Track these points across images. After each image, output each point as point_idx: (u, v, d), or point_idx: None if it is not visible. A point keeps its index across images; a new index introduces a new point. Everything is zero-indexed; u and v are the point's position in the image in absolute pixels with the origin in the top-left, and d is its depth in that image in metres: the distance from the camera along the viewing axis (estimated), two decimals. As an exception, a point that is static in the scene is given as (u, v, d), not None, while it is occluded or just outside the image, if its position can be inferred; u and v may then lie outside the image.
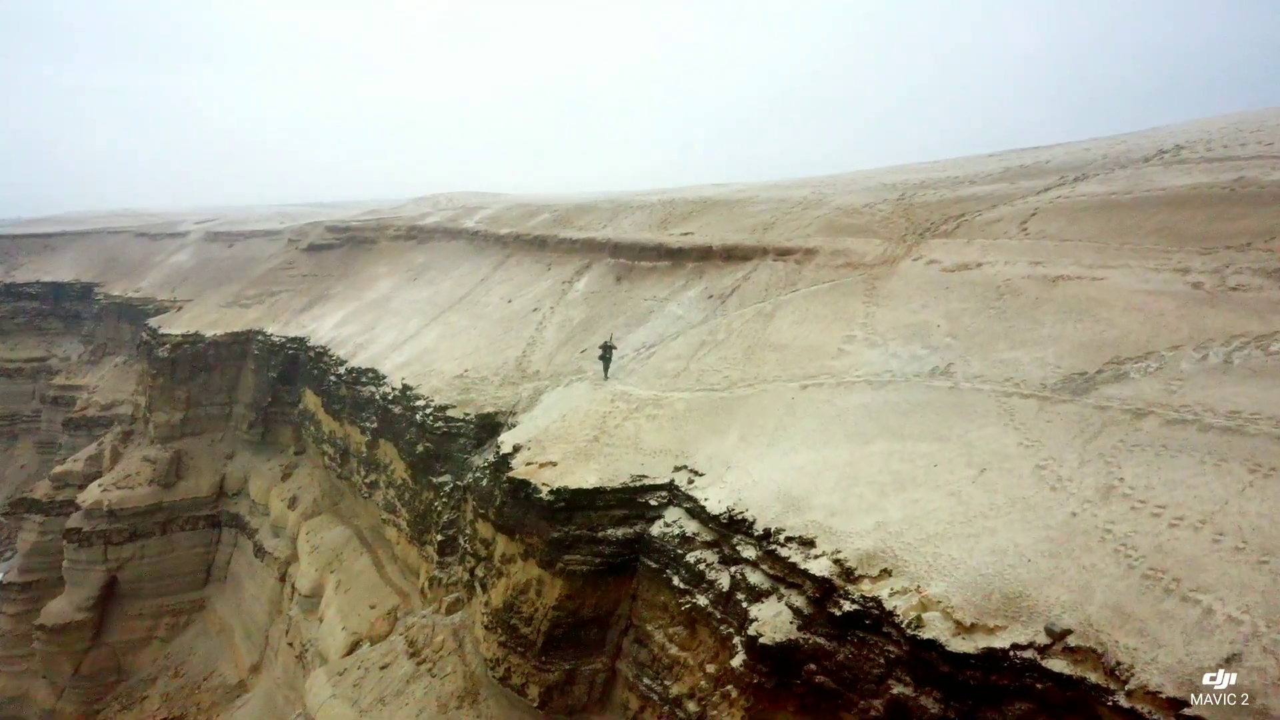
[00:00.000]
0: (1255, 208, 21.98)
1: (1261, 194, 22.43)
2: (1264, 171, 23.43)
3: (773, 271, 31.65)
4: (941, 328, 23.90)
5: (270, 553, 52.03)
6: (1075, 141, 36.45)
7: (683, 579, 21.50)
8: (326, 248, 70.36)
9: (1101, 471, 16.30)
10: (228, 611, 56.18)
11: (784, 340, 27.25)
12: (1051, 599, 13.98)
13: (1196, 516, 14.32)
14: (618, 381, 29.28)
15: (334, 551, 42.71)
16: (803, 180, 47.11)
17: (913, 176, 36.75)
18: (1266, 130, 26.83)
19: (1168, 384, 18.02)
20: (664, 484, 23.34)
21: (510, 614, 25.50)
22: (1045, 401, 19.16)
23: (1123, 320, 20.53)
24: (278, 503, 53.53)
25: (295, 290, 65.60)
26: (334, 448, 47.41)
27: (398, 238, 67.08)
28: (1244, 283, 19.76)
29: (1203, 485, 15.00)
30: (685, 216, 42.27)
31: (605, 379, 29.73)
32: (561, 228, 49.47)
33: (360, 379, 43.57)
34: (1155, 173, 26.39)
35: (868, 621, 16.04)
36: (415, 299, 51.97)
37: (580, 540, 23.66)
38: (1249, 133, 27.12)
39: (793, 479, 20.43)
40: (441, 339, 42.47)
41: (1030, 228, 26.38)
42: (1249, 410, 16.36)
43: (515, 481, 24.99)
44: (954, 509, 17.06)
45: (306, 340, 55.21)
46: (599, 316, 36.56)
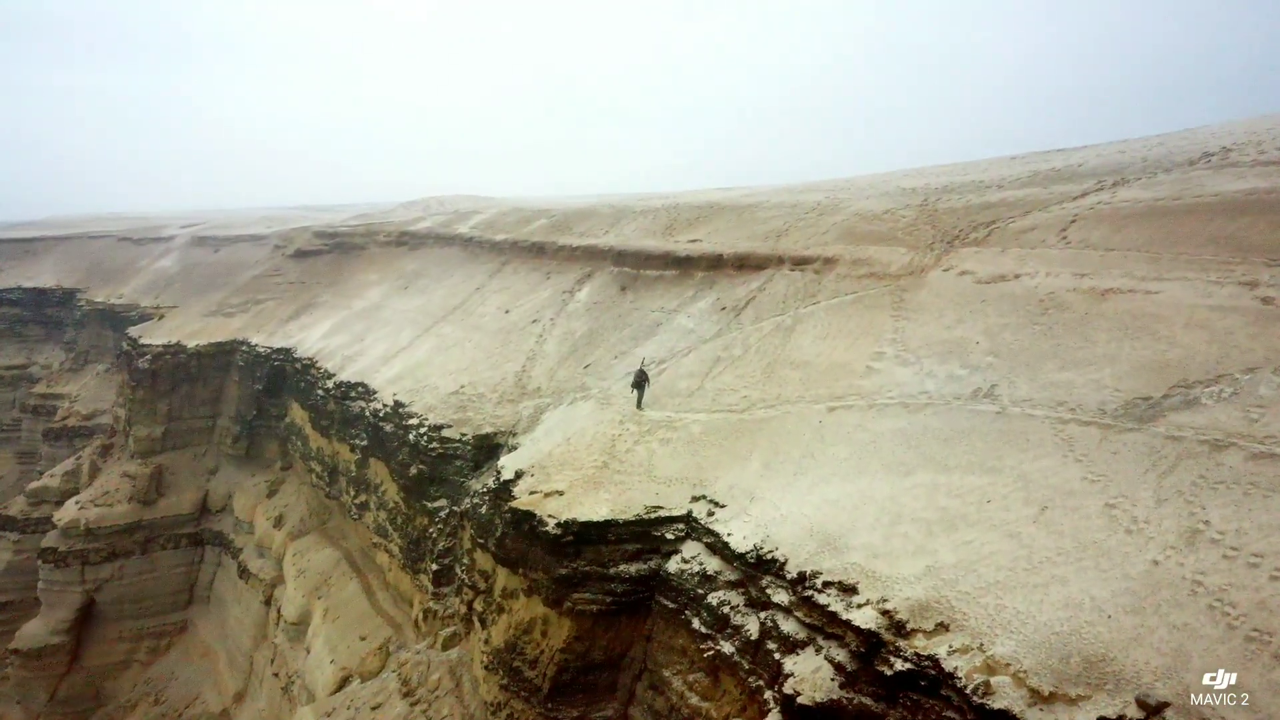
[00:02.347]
0: (1323, 215, 20.27)
1: (1328, 200, 20.72)
2: (1327, 176, 21.74)
3: (790, 282, 29.81)
4: (981, 345, 22.09)
5: (255, 574, 49.97)
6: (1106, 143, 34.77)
7: (704, 622, 19.68)
8: (314, 254, 68.45)
9: (1183, 512, 14.50)
10: (211, 635, 54.03)
11: (806, 357, 25.41)
12: (1140, 664, 12.20)
13: (1302, 568, 12.55)
14: (626, 401, 27.36)
15: (322, 575, 40.67)
16: (814, 184, 45.33)
17: (932, 180, 34.98)
18: (1321, 132, 25.20)
19: (1246, 411, 16.21)
20: (681, 516, 21.52)
21: (513, 655, 23.58)
22: (1108, 430, 17.33)
23: (1186, 339, 18.74)
24: (263, 521, 51.49)
25: (281, 298, 63.62)
26: (322, 465, 45.40)
27: (388, 244, 65.12)
28: (1322, 298, 17.99)
29: (1304, 531, 13.23)
30: (691, 222, 40.41)
31: (640, 409, 26.48)
32: (560, 234, 47.56)
33: (350, 394, 41.61)
34: (1204, 177, 24.66)
35: (923, 683, 14.17)
36: (407, 308, 50.00)
37: (590, 577, 21.81)
38: (1302, 135, 25.48)
39: (826, 514, 18.61)
40: (435, 352, 40.50)
41: (1071, 236, 24.61)
42: (1346, 444, 14.61)
43: (519, 512, 23.07)
44: (1015, 553, 15.26)
45: (293, 351, 53.26)
46: (603, 329, 34.68)
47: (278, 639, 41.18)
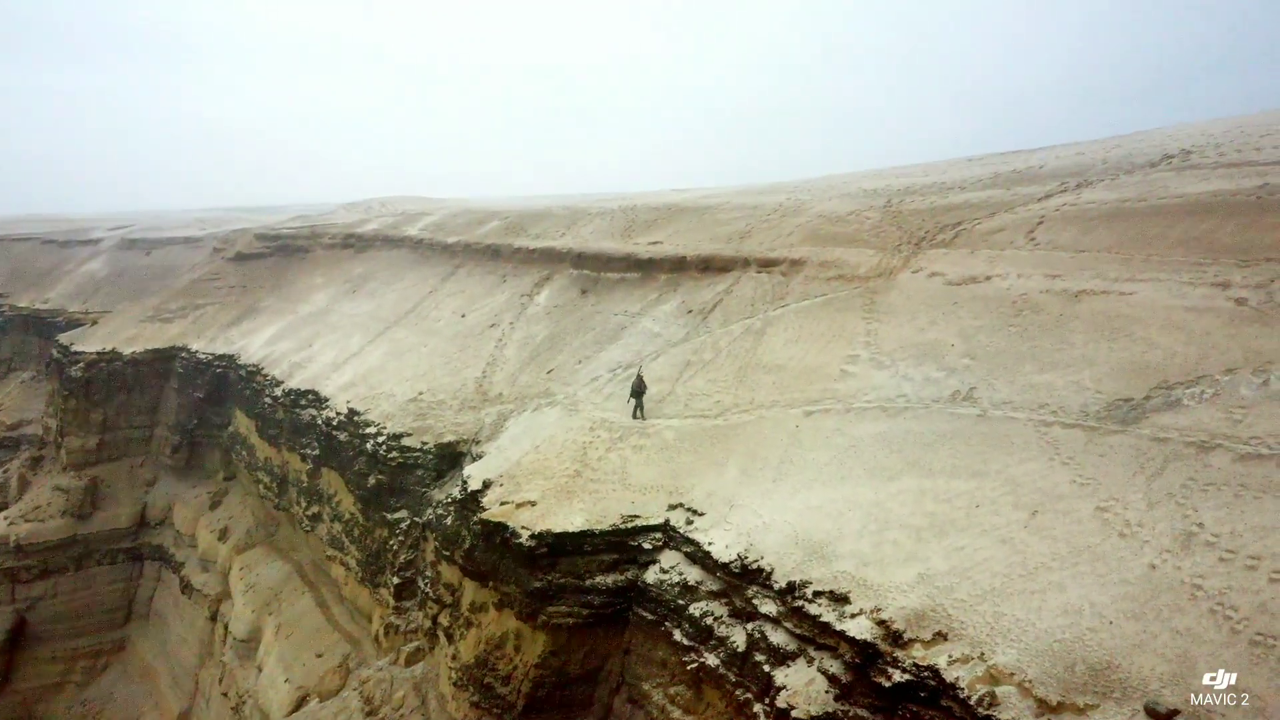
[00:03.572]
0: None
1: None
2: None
3: (757, 284, 29.51)
4: (956, 347, 22.02)
5: (199, 589, 48.02)
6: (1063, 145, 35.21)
7: (686, 634, 19.20)
8: (256, 257, 66.29)
9: (1176, 515, 14.49)
10: (152, 653, 51.79)
11: (779, 360, 25.10)
12: (1145, 670, 12.09)
13: (1300, 570, 12.55)
14: (595, 407, 26.75)
15: (272, 590, 39.18)
16: (774, 185, 45.13)
17: (893, 182, 35.02)
18: (1278, 134, 25.66)
19: (1229, 412, 16.32)
20: (658, 525, 21.01)
21: (484, 670, 22.80)
22: (1093, 432, 17.32)
23: (1163, 340, 18.86)
24: (206, 534, 49.54)
25: (222, 303, 61.47)
26: (270, 475, 43.79)
27: (333, 246, 63.32)
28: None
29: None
30: (650, 224, 39.92)
31: (642, 419, 25.09)
32: (515, 236, 46.65)
33: (299, 401, 40.18)
34: (1168, 179, 24.97)
35: (923, 694, 13.88)
36: (356, 313, 48.60)
37: (566, 589, 21.16)
38: (1259, 137, 25.95)
39: (811, 521, 18.29)
40: (389, 357, 39.34)
41: (1039, 237, 24.73)
42: (1330, 444, 14.72)
43: (490, 524, 22.30)
44: (1009, 559, 15.11)
45: (237, 358, 51.45)
46: (565, 333, 33.98)
47: (226, 657, 39.53)
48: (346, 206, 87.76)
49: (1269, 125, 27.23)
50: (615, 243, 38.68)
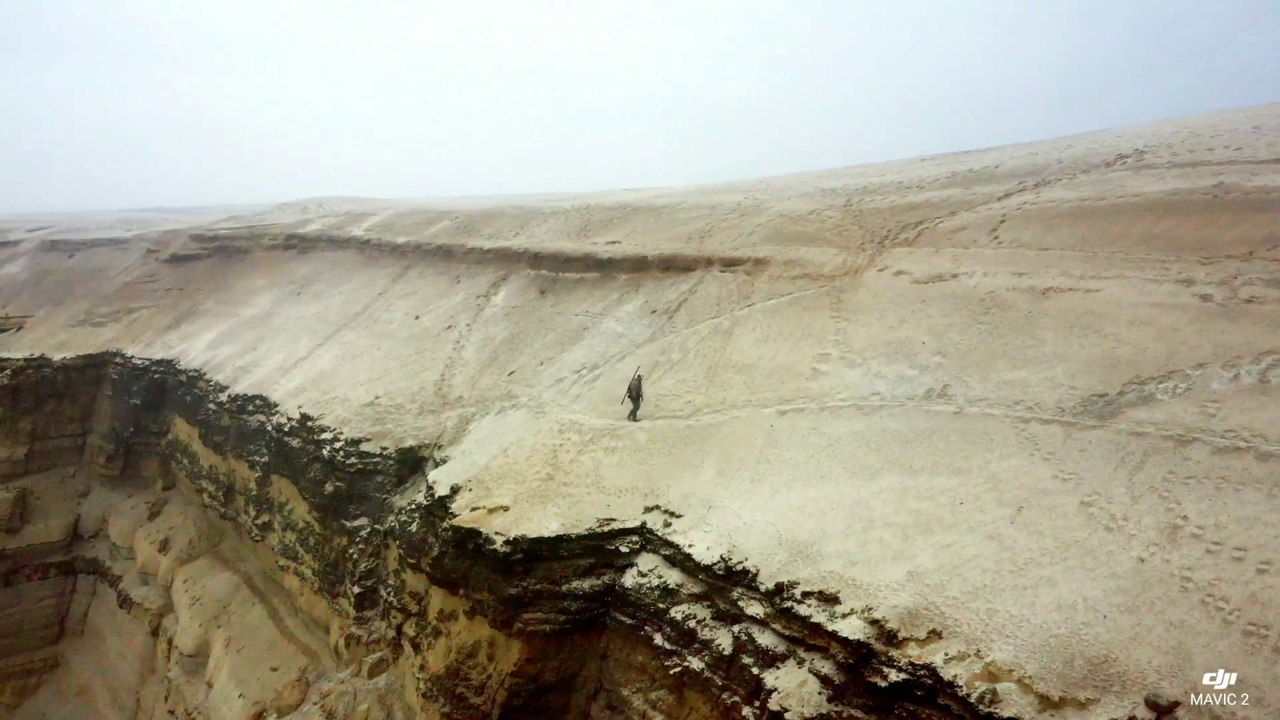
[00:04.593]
0: (1246, 214, 21.17)
1: (1248, 200, 21.68)
2: (1243, 177, 22.77)
3: (722, 284, 29.40)
4: (927, 345, 22.16)
5: (139, 603, 46.18)
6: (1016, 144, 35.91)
7: (667, 637, 18.95)
8: (192, 258, 64.17)
9: (1159, 508, 14.70)
10: (88, 671, 49.63)
11: (748, 360, 25.01)
12: (1143, 663, 12.20)
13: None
14: (562, 409, 26.32)
15: (220, 603, 37.84)
16: (730, 185, 45.18)
17: (851, 181, 35.30)
18: (1227, 134, 26.49)
19: (1203, 407, 16.64)
20: (635, 528, 20.75)
21: (456, 680, 22.26)
22: (1071, 428, 17.52)
23: (1133, 336, 19.19)
24: (146, 546, 47.67)
25: (158, 306, 59.35)
26: (216, 484, 42.27)
27: (274, 247, 61.52)
28: (1258, 294, 18.74)
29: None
30: (606, 224, 39.59)
31: (636, 419, 24.47)
32: (468, 236, 45.81)
33: (246, 407, 38.89)
34: (1125, 178, 25.55)
35: (919, 693, 13.83)
36: (302, 315, 47.26)
37: (542, 595, 20.75)
38: (1209, 137, 26.74)
39: (793, 521, 18.20)
40: (340, 361, 38.28)
41: (1002, 236, 25.08)
42: (1304, 436, 15.06)
43: (461, 530, 21.75)
44: (998, 555, 15.17)
45: (176, 363, 49.66)
46: (525, 334, 33.43)
47: (171, 673, 38.01)
48: (281, 207, 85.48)
49: (1216, 126, 28.09)
50: (572, 243, 38.26)
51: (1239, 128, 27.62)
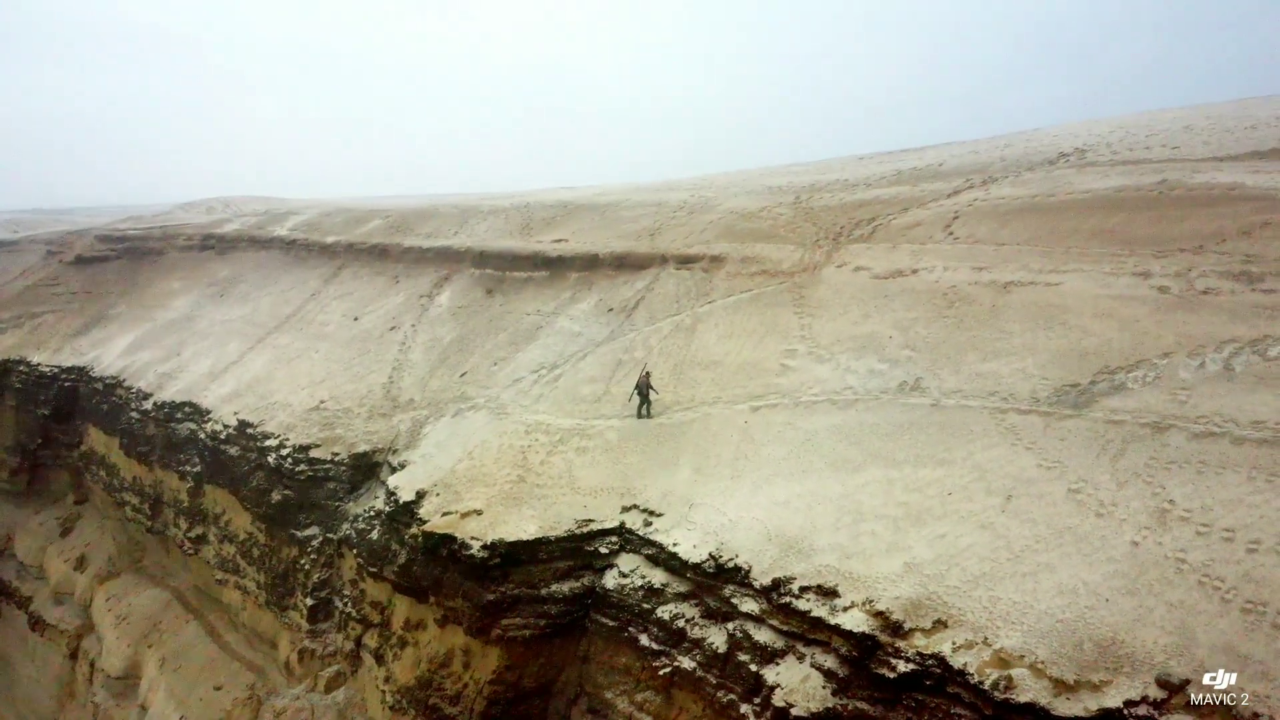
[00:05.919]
0: (1192, 210, 22.11)
1: (1193, 196, 22.64)
2: (1185, 174, 23.78)
3: (679, 281, 29.28)
4: (895, 339, 22.46)
5: (54, 624, 43.40)
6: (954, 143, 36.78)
7: (654, 638, 18.74)
8: (99, 260, 60.70)
9: (1146, 493, 15.15)
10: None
11: (714, 357, 24.96)
12: (1149, 643, 12.52)
13: (1274, 539, 13.30)
14: (524, 409, 25.79)
15: (149, 620, 35.87)
16: (670, 183, 45.13)
17: (797, 179, 35.66)
18: (1162, 134, 27.68)
19: (1174, 394, 17.26)
20: (613, 528, 20.51)
21: (428, 691, 21.58)
22: (1048, 417, 17.96)
23: (1097, 327, 19.80)
24: (59, 564, 44.91)
25: (64, 311, 56.00)
26: (140, 496, 40.04)
27: (190, 248, 58.73)
28: (1213, 286, 19.56)
29: (1265, 503, 14.11)
30: (548, 222, 39.04)
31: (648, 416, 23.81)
32: (403, 235, 44.54)
33: (175, 415, 36.97)
34: (1070, 175, 26.43)
35: (929, 682, 13.93)
36: (228, 318, 45.23)
37: (520, 600, 20.31)
38: (1145, 136, 27.88)
39: (780, 517, 18.19)
40: (276, 364, 36.76)
41: (957, 231, 25.62)
42: (1273, 420, 15.74)
43: (434, 536, 21.07)
44: (993, 543, 15.42)
45: (89, 370, 46.92)
46: (474, 334, 32.67)
47: (97, 697, 35.83)
48: (184, 206, 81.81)
49: (1151, 126, 29.35)
50: (517, 241, 37.58)
51: (1170, 128, 28.92)
